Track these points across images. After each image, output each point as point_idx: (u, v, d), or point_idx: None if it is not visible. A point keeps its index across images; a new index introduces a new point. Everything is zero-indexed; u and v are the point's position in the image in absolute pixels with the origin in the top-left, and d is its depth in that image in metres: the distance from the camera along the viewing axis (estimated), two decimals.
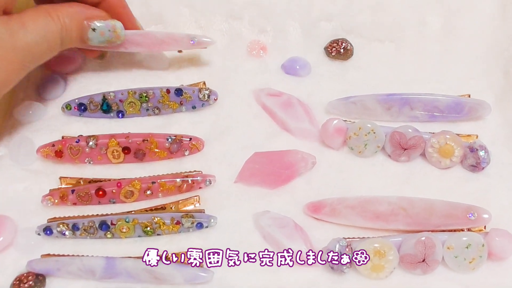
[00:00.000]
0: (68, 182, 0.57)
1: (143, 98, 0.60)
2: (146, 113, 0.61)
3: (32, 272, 0.51)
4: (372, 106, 0.61)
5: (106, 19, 0.58)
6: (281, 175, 0.57)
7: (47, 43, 0.54)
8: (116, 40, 0.58)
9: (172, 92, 0.60)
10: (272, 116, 0.62)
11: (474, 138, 0.60)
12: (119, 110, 0.61)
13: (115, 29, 0.58)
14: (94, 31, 0.57)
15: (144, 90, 0.60)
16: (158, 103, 0.61)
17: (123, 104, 0.60)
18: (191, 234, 0.55)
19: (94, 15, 0.57)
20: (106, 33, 0.57)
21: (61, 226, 0.53)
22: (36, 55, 0.54)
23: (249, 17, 0.68)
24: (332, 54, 0.67)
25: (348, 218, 0.55)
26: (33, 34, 0.52)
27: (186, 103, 0.61)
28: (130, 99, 0.60)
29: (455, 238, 0.52)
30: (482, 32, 0.67)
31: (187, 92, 0.60)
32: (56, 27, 0.54)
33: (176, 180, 0.56)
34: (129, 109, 0.60)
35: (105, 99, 0.60)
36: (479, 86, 0.65)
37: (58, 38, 0.55)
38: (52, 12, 0.54)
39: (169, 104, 0.60)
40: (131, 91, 0.60)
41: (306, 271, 0.53)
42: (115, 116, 0.61)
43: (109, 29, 0.57)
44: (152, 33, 0.61)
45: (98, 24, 0.57)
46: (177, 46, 0.61)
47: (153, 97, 0.60)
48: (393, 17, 0.68)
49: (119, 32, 0.58)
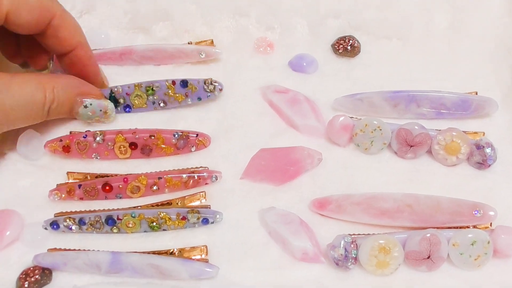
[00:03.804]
0: (75, 177, 0.57)
1: (150, 91, 0.61)
2: (153, 106, 0.62)
3: (39, 266, 0.52)
4: (379, 103, 0.61)
5: (100, 97, 0.59)
6: (287, 171, 0.57)
7: (26, 111, 0.53)
8: (105, 120, 0.60)
9: (177, 84, 0.61)
10: (278, 112, 0.62)
11: (481, 135, 0.60)
12: (126, 104, 0.61)
13: (106, 110, 0.59)
14: (85, 108, 0.57)
15: (150, 82, 0.61)
16: (164, 95, 0.61)
17: (130, 97, 0.61)
18: (197, 230, 0.55)
19: (89, 92, 0.58)
20: (97, 112, 0.58)
21: (67, 220, 0.53)
22: (11, 119, 0.53)
23: (256, 14, 0.68)
24: (339, 51, 0.67)
25: (353, 214, 0.55)
26: (13, 99, 0.52)
27: (192, 95, 0.61)
28: (136, 92, 0.61)
29: (460, 235, 0.52)
30: (489, 30, 0.67)
31: (193, 84, 0.61)
32: (46, 99, 0.54)
33: (182, 176, 0.56)
34: (135, 102, 0.61)
35: (112, 93, 0.61)
36: (486, 84, 0.64)
37: (42, 108, 0.54)
38: (47, 83, 0.54)
39: (175, 96, 0.61)
40: (137, 84, 0.61)
41: (311, 268, 0.53)
42: (122, 111, 0.61)
43: (100, 109, 0.58)
44: (163, 48, 0.64)
45: (90, 103, 0.58)
46: (187, 59, 0.64)
47: (159, 90, 0.61)
48: (400, 15, 0.68)
49: (110, 114, 0.59)
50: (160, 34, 0.68)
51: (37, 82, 0.54)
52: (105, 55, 0.65)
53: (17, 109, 0.52)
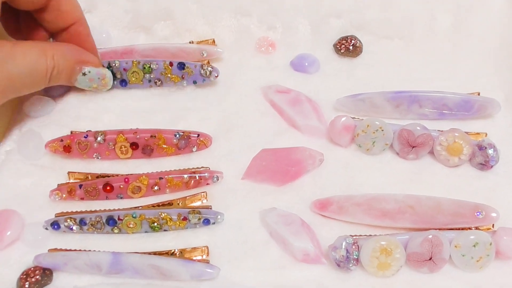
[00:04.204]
0: (76, 177, 0.57)
1: (147, 69, 0.62)
2: (148, 84, 0.63)
3: (39, 266, 0.52)
4: (381, 104, 0.61)
5: (98, 66, 0.60)
6: (289, 172, 0.57)
7: (31, 79, 0.54)
8: (103, 88, 0.61)
9: (175, 65, 0.62)
10: (280, 113, 0.62)
11: (483, 136, 0.60)
12: (123, 79, 0.62)
13: (104, 78, 0.60)
14: (84, 76, 0.58)
15: (148, 61, 0.62)
16: (160, 75, 0.62)
17: (127, 73, 0.62)
18: (198, 230, 0.55)
19: (87, 60, 0.59)
20: (95, 80, 0.59)
21: (68, 221, 0.53)
22: (17, 87, 0.53)
23: (258, 13, 0.68)
24: (341, 51, 0.67)
25: (355, 215, 0.54)
26: (19, 67, 0.52)
27: (188, 78, 0.62)
28: (133, 68, 0.62)
29: (462, 236, 0.52)
30: (492, 30, 0.67)
31: (189, 67, 0.62)
32: (47, 66, 0.54)
33: (183, 176, 0.56)
34: (132, 78, 0.62)
35: (109, 66, 0.62)
36: (489, 84, 0.64)
37: (45, 75, 0.55)
38: (48, 50, 0.55)
39: (171, 77, 0.62)
40: (136, 61, 0.62)
41: (312, 269, 0.52)
42: (118, 85, 0.63)
43: (98, 77, 0.59)
44: (164, 47, 0.64)
45: (89, 70, 0.58)
46: (188, 58, 0.64)
47: (156, 69, 0.62)
48: (402, 14, 0.68)
49: (107, 82, 0.60)
50: (162, 34, 0.68)
51: (39, 49, 0.54)
52: (106, 54, 0.64)
53: (22, 76, 0.53)
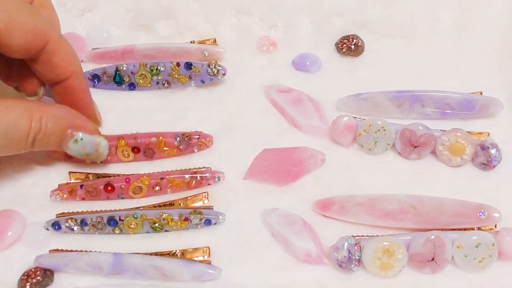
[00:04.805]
0: (77, 177, 0.57)
1: (154, 71, 0.62)
2: (157, 86, 0.63)
3: (40, 267, 0.51)
4: (383, 103, 0.61)
5: (93, 132, 0.54)
6: (290, 172, 0.57)
7: (7, 140, 0.49)
8: (96, 158, 0.56)
9: (182, 66, 0.62)
10: (281, 112, 0.62)
11: (486, 136, 0.59)
12: (131, 83, 0.63)
13: (98, 148, 0.54)
14: (76, 143, 0.53)
15: (155, 63, 0.62)
16: (168, 76, 0.63)
17: (135, 76, 0.62)
18: (199, 231, 0.54)
19: (81, 125, 0.54)
20: (88, 148, 0.54)
21: (69, 221, 0.53)
22: None
23: (259, 12, 0.68)
24: (343, 50, 0.67)
25: (357, 216, 0.54)
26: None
27: (195, 77, 0.63)
28: (141, 71, 0.62)
29: (465, 237, 0.52)
30: (494, 29, 0.67)
31: (196, 66, 0.62)
32: (30, 128, 0.50)
33: (184, 177, 0.56)
34: (140, 81, 0.63)
35: (117, 70, 0.62)
36: (491, 84, 0.64)
37: (25, 138, 0.50)
38: (35, 112, 0.50)
39: (179, 77, 0.62)
40: (143, 63, 0.62)
41: (314, 269, 0.52)
42: (127, 89, 0.63)
43: (92, 145, 0.54)
44: (166, 47, 0.64)
45: (81, 137, 0.53)
46: (189, 58, 0.64)
47: (164, 70, 0.62)
48: (405, 13, 0.68)
49: (102, 151, 0.55)
50: (163, 33, 0.68)
51: (24, 109, 0.49)
52: (107, 54, 0.64)
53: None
